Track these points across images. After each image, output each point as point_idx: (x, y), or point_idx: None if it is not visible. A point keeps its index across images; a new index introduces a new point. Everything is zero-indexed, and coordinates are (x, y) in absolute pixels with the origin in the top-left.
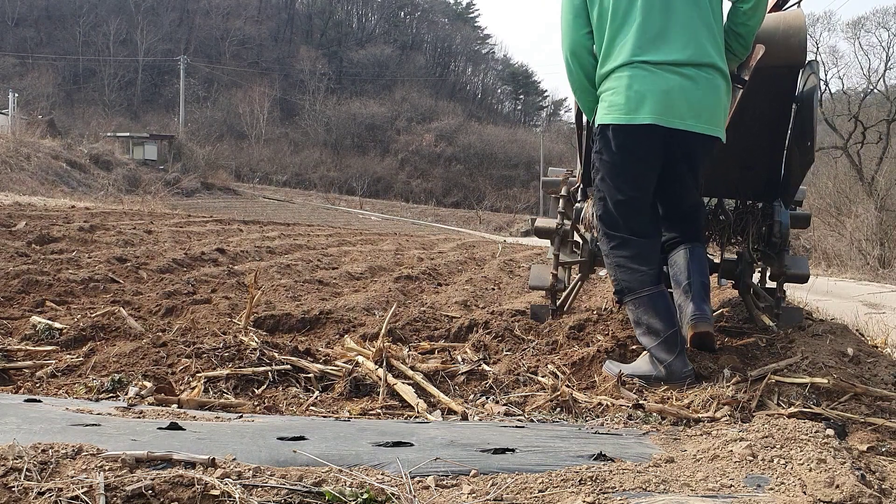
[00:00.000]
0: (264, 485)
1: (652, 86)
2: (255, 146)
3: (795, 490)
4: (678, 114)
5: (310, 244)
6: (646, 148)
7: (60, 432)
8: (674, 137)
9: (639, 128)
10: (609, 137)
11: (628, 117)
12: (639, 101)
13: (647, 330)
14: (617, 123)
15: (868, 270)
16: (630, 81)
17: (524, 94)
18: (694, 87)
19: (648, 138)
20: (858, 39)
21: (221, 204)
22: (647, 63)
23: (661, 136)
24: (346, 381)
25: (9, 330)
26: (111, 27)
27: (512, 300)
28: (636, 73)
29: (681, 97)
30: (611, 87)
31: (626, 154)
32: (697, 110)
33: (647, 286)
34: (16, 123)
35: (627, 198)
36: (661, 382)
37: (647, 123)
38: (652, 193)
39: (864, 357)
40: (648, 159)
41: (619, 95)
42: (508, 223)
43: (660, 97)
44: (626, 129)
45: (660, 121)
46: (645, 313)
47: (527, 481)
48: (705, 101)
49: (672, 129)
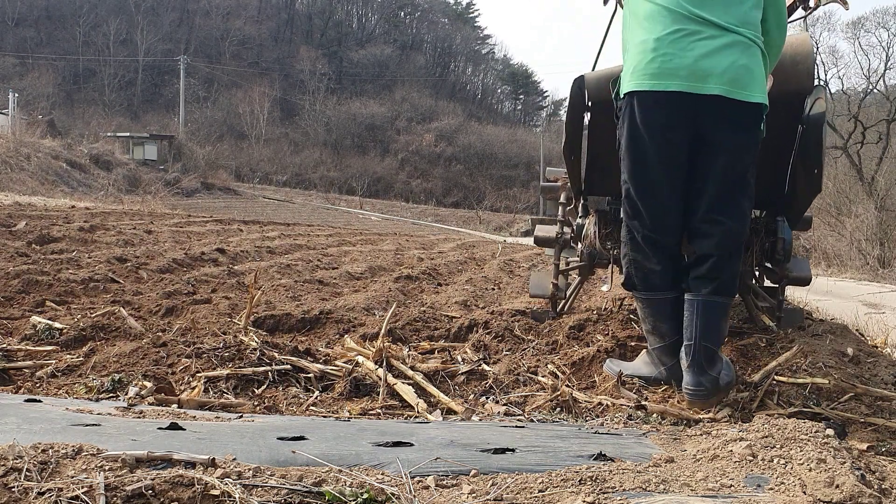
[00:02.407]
0: (264, 485)
1: (682, 49)
2: (255, 146)
3: (795, 490)
4: (711, 79)
5: (310, 244)
6: (673, 118)
7: (60, 432)
8: (706, 108)
9: (666, 96)
10: (633, 108)
11: (653, 83)
12: (665, 67)
13: (652, 329)
14: (641, 90)
15: (868, 270)
16: (657, 45)
17: (524, 94)
18: (729, 51)
19: (677, 108)
20: (858, 39)
21: (221, 204)
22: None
23: (693, 106)
24: (346, 381)
25: (9, 330)
26: (111, 27)
27: (512, 300)
28: (665, 37)
29: (714, 61)
30: (636, 52)
31: (650, 126)
32: (734, 76)
33: (660, 290)
34: (16, 123)
35: (649, 182)
36: (661, 383)
37: (674, 91)
38: (679, 184)
39: (864, 357)
40: (676, 132)
41: (644, 59)
42: (508, 223)
43: (690, 62)
44: (650, 98)
45: (690, 88)
46: (652, 315)
47: (527, 481)
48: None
49: (704, 95)
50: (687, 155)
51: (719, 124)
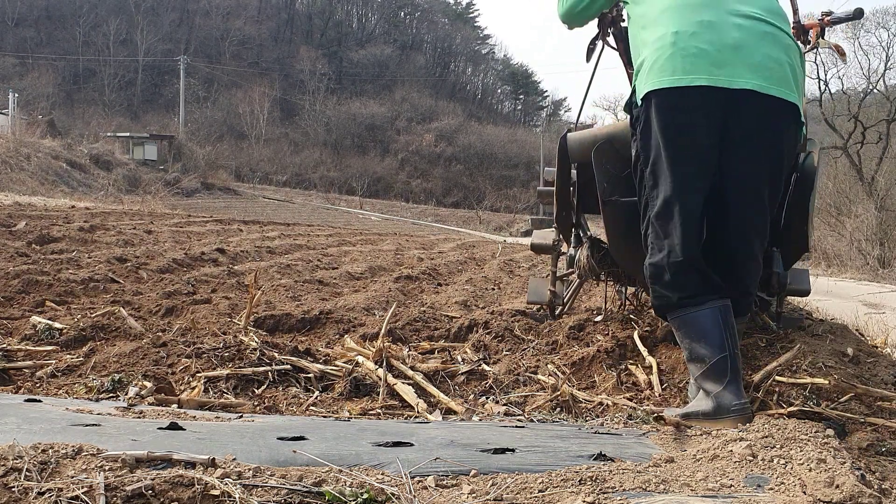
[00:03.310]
0: (264, 485)
1: (706, 42)
2: (255, 146)
3: (795, 490)
4: (744, 74)
5: (310, 244)
6: (700, 118)
7: (60, 432)
8: (738, 104)
9: (690, 91)
10: (651, 113)
11: (674, 79)
12: (689, 60)
13: (691, 355)
14: (660, 88)
15: (868, 270)
16: (676, 39)
17: (524, 94)
18: (761, 42)
19: (703, 105)
20: (858, 39)
21: (221, 204)
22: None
23: (721, 103)
24: (346, 381)
25: (9, 330)
26: (111, 27)
27: (512, 300)
28: (685, 29)
29: (746, 53)
30: (652, 50)
31: (674, 128)
32: (770, 70)
33: (691, 303)
34: (16, 123)
35: (673, 192)
36: (712, 419)
37: (701, 86)
38: (707, 189)
39: (864, 357)
40: (703, 134)
41: (663, 55)
42: (508, 223)
43: (715, 54)
44: (671, 95)
45: (717, 82)
46: (687, 335)
47: (527, 481)
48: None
49: (735, 90)
50: (716, 158)
51: (750, 123)
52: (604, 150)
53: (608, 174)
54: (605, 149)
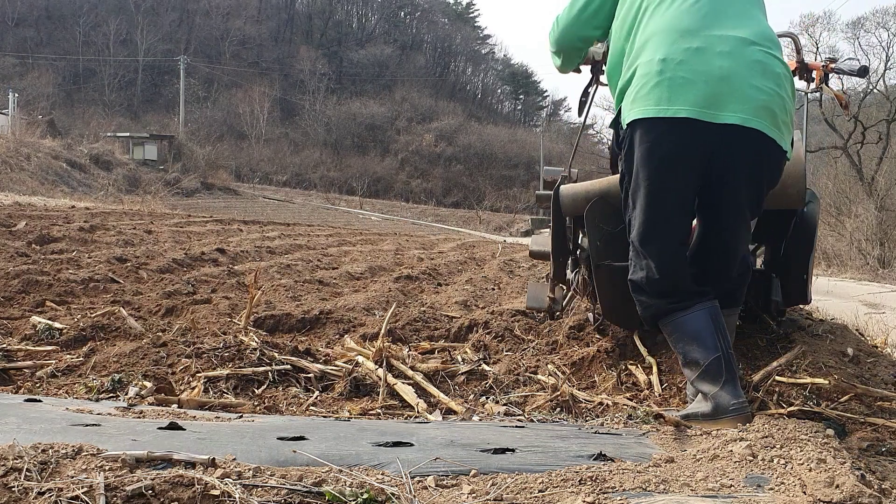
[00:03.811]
0: (264, 485)
1: (692, 72)
2: (255, 146)
3: (795, 490)
4: (730, 106)
5: (310, 244)
6: (682, 151)
7: (60, 432)
8: (723, 137)
9: (674, 123)
10: (636, 139)
11: (659, 109)
12: (674, 90)
13: (685, 360)
14: (645, 118)
15: (868, 270)
16: (662, 67)
17: (524, 94)
18: (749, 73)
19: (686, 138)
20: (858, 39)
21: (221, 204)
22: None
23: (705, 135)
24: (346, 381)
25: (9, 330)
26: (111, 27)
27: (512, 300)
28: (672, 57)
29: (733, 84)
30: (639, 75)
31: (655, 159)
32: (757, 103)
33: (678, 309)
34: (16, 123)
35: (657, 217)
36: (711, 420)
37: (684, 118)
38: (689, 213)
39: (864, 357)
40: (685, 166)
41: (647, 84)
42: (508, 223)
43: (702, 85)
44: (656, 125)
45: (702, 115)
46: (679, 340)
47: (527, 481)
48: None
49: (719, 125)
50: (697, 189)
51: (733, 157)
52: (597, 209)
53: (601, 233)
54: (598, 207)
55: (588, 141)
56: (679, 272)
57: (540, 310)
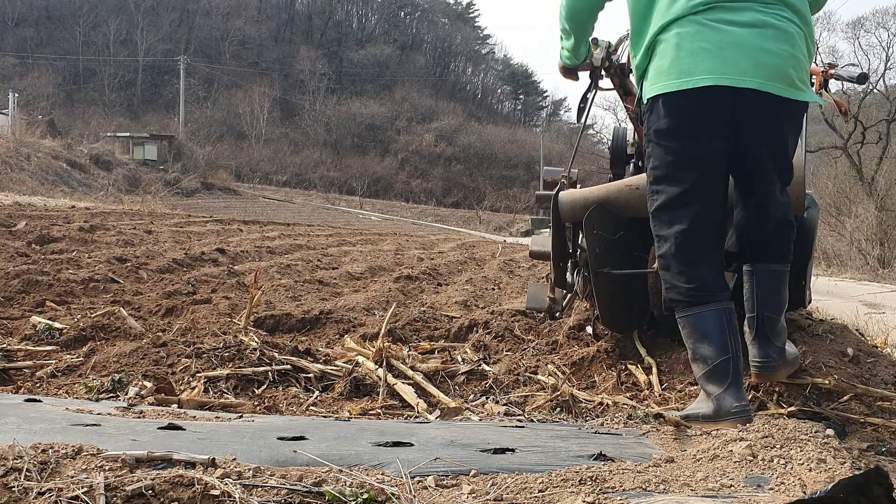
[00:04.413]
0: (264, 485)
1: (708, 41)
2: (255, 146)
3: (795, 490)
4: (747, 71)
5: (310, 244)
6: (705, 120)
7: (60, 432)
8: (743, 103)
9: (695, 93)
10: (659, 114)
11: (679, 82)
12: (692, 61)
13: (694, 355)
14: (667, 92)
15: (868, 270)
16: (679, 40)
17: (524, 94)
18: (763, 37)
19: (708, 106)
20: (858, 39)
21: (221, 204)
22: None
23: (726, 103)
24: (346, 381)
25: (9, 330)
26: (111, 27)
27: (512, 300)
28: (686, 29)
29: (748, 50)
30: (656, 55)
31: (679, 132)
32: (772, 67)
33: (696, 303)
34: (16, 123)
35: (683, 190)
36: (712, 420)
37: (706, 86)
38: (718, 187)
39: (864, 357)
40: (709, 136)
41: (665, 59)
42: (508, 223)
43: (718, 53)
44: (678, 98)
45: (722, 80)
46: (691, 335)
47: (527, 481)
48: (781, 55)
49: (740, 89)
50: (725, 159)
51: (755, 122)
52: (596, 216)
53: (600, 240)
54: (596, 214)
55: (588, 141)
56: (707, 247)
57: (540, 310)
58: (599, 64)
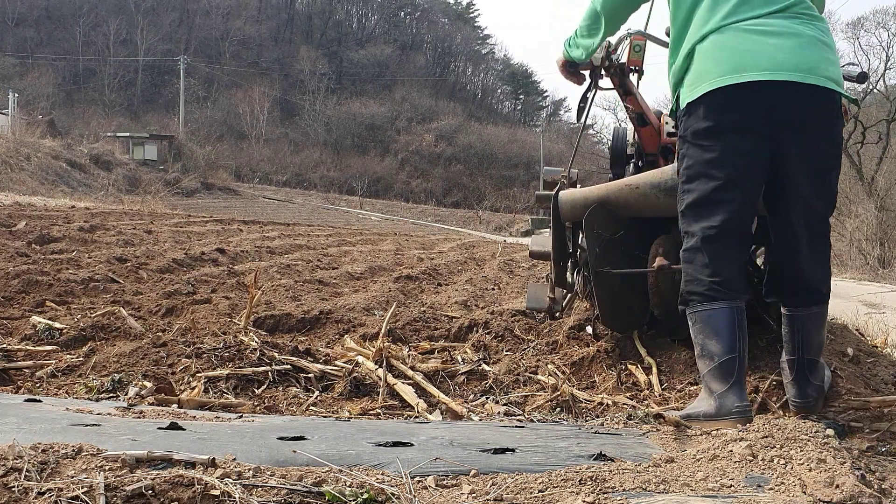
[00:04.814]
0: (264, 485)
1: (750, 42)
2: (255, 146)
3: (795, 490)
4: (785, 64)
5: (310, 244)
6: (745, 116)
7: (60, 432)
8: (781, 96)
9: (737, 89)
10: (699, 115)
11: (723, 79)
12: (736, 60)
13: (701, 351)
14: (711, 90)
15: (868, 270)
16: (721, 43)
17: (524, 94)
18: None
19: (749, 102)
20: (858, 39)
21: (221, 204)
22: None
23: (766, 99)
24: (346, 381)
25: (9, 330)
26: (111, 27)
27: (512, 300)
28: (727, 35)
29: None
30: (697, 58)
31: (718, 129)
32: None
33: (710, 300)
34: (16, 123)
35: (716, 186)
36: (712, 419)
37: (748, 82)
38: (751, 189)
39: (864, 357)
40: (747, 133)
41: (708, 61)
42: (508, 223)
43: (758, 52)
44: (721, 96)
45: (766, 75)
46: (701, 331)
47: (527, 481)
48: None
49: (779, 85)
50: (761, 162)
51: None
52: (595, 216)
53: (600, 240)
54: (596, 214)
55: (588, 141)
56: (733, 245)
57: (540, 310)
58: (599, 63)
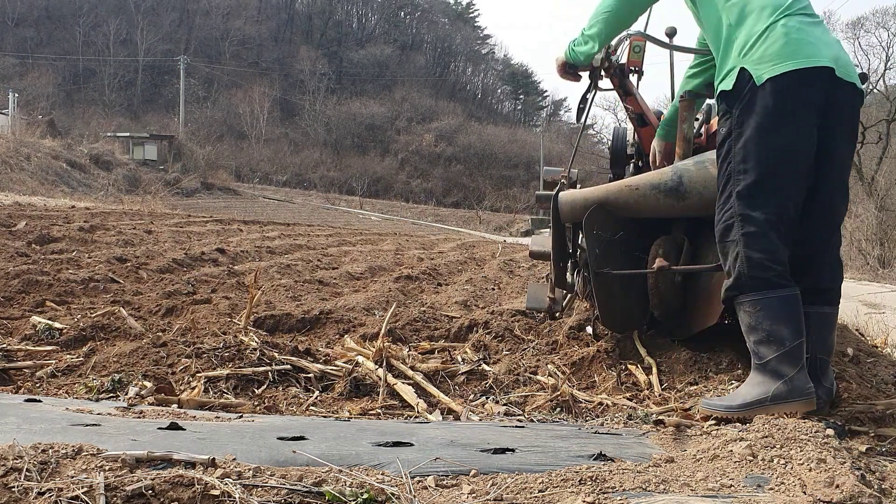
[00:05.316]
0: (264, 485)
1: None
2: (255, 146)
3: (795, 490)
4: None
5: (310, 244)
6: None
7: (60, 432)
8: (834, 92)
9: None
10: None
11: (795, 62)
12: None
13: (767, 337)
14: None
15: (868, 270)
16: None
17: (524, 94)
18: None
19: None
20: (858, 39)
21: (221, 204)
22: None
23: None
24: (346, 381)
25: (9, 330)
26: (111, 27)
27: (512, 300)
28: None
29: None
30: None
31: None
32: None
33: (778, 286)
34: (16, 123)
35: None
36: (784, 401)
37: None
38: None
39: (864, 357)
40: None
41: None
42: (508, 223)
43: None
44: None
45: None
46: (768, 317)
47: (527, 481)
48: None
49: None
50: (813, 149)
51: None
52: (595, 216)
53: (600, 240)
54: (596, 215)
55: (588, 141)
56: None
57: (540, 310)
58: (599, 64)
